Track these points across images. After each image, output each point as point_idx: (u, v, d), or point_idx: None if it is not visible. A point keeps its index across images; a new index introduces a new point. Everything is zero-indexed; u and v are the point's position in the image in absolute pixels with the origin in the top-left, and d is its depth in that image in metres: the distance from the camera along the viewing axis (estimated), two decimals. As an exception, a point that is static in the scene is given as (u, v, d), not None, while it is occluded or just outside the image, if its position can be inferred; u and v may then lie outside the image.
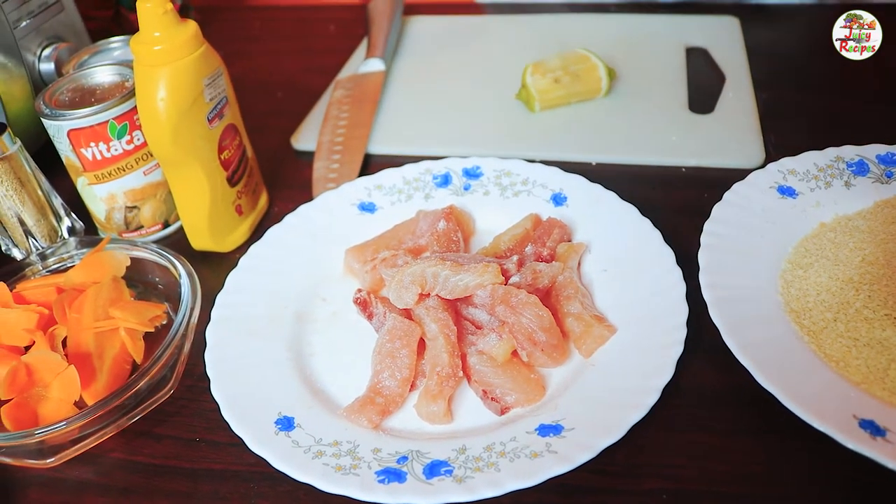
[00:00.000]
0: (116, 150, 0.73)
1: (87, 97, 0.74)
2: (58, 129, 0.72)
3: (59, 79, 0.77)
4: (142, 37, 0.66)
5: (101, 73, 0.77)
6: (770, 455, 0.54)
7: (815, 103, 0.87)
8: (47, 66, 0.88)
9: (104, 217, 0.78)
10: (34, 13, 0.86)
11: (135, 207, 0.78)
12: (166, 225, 0.81)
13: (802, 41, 0.81)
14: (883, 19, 0.72)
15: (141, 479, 0.58)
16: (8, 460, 0.58)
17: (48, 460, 0.58)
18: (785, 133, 0.83)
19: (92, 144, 0.72)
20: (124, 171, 0.75)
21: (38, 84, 0.88)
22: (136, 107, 0.71)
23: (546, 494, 0.52)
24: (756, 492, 0.52)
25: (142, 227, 0.79)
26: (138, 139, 0.74)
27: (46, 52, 0.88)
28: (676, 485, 0.53)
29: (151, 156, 0.76)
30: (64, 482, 0.59)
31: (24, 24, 0.85)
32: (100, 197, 0.76)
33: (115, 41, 0.87)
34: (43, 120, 0.72)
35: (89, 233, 0.80)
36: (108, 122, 0.72)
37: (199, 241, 0.77)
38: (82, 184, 0.76)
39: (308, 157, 0.86)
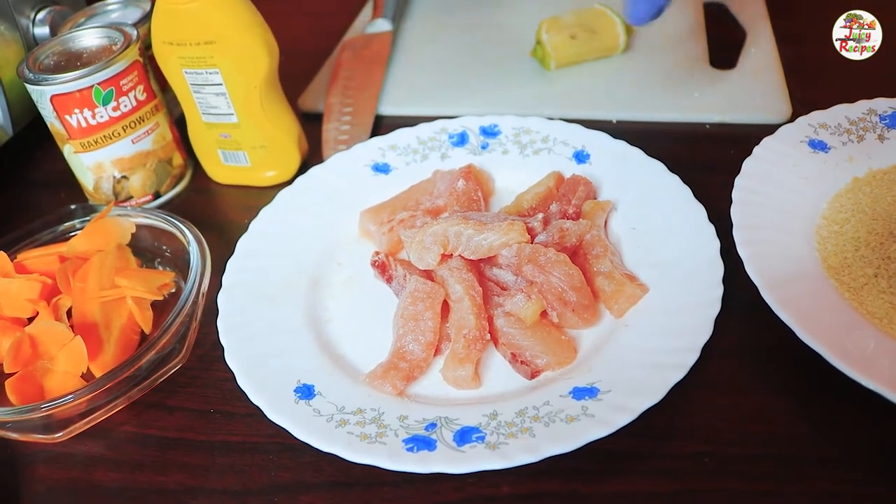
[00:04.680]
0: (102, 116, 0.70)
1: (72, 61, 0.71)
2: (41, 95, 0.69)
3: (44, 42, 0.74)
4: None
5: (89, 37, 0.74)
6: (813, 415, 0.52)
7: (840, 56, 0.83)
8: (42, 30, 0.85)
9: (92, 187, 0.75)
10: (27, -26, 0.83)
11: (124, 177, 0.75)
12: (157, 196, 0.78)
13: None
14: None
15: (154, 452, 0.56)
16: (14, 435, 0.56)
17: (56, 435, 0.56)
18: (811, 87, 0.80)
19: (76, 111, 0.69)
20: (111, 138, 0.72)
21: (33, 48, 0.84)
22: (123, 71, 0.69)
23: (582, 460, 0.50)
24: (800, 454, 0.50)
25: (131, 197, 0.76)
26: (125, 105, 0.71)
27: (41, 15, 0.85)
28: (717, 448, 0.51)
29: (140, 123, 0.73)
30: (73, 457, 0.57)
31: (17, -16, 0.81)
32: (87, 166, 0.74)
33: (112, 3, 0.84)
34: (26, 85, 0.69)
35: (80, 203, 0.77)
36: (92, 87, 0.68)
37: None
38: (69, 152, 0.73)
39: (316, 119, 0.83)
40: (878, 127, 0.68)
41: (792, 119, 0.72)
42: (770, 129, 0.68)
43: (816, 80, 0.82)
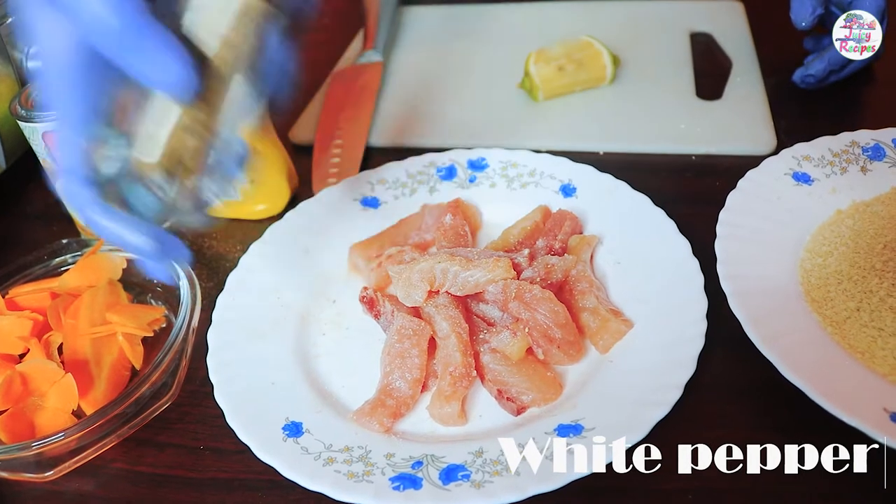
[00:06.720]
0: None
1: None
2: (32, 132, 0.69)
3: None
4: None
5: None
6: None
7: (825, 87, 0.85)
8: (35, 64, 0.85)
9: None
10: (21, 9, 0.84)
11: None
12: None
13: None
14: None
15: (144, 490, 0.56)
16: (4, 474, 0.56)
17: (46, 473, 0.56)
18: (796, 118, 0.81)
19: None
20: None
21: (26, 85, 0.85)
22: None
23: (567, 497, 0.50)
24: (785, 489, 0.50)
25: None
26: None
27: (34, 49, 0.86)
28: (702, 483, 0.51)
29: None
30: (63, 495, 0.57)
31: (10, 20, 0.82)
32: None
33: (105, 37, 0.84)
34: (18, 122, 0.70)
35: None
36: None
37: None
38: (61, 187, 0.74)
39: (307, 151, 0.84)
40: (861, 159, 0.69)
41: (777, 149, 0.72)
42: (755, 160, 0.69)
43: (801, 109, 0.83)
